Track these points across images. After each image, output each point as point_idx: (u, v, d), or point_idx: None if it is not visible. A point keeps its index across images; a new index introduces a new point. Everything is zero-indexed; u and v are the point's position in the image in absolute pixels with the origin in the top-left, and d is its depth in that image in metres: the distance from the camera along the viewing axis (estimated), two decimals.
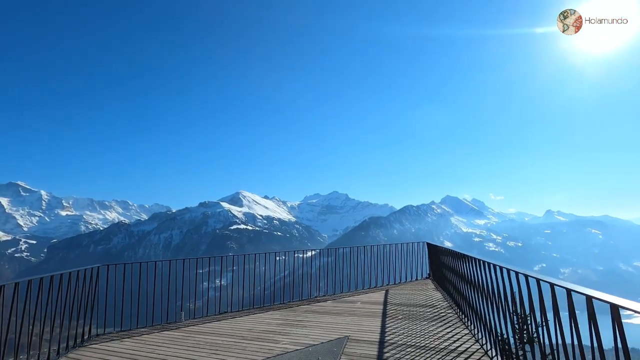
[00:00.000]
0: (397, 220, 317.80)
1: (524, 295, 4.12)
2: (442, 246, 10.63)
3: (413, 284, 12.84)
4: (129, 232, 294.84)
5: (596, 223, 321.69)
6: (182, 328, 7.71)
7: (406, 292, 11.03)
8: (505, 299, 4.62)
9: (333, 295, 11.08)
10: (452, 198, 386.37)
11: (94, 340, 6.98)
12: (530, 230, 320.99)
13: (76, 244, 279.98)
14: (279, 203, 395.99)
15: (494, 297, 5.08)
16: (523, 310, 4.19)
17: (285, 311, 9.03)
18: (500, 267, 4.77)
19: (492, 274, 5.20)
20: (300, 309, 9.19)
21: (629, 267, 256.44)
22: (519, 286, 4.19)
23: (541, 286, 3.65)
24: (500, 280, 4.80)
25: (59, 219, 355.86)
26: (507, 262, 4.95)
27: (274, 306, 9.69)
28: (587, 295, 2.77)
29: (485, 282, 5.57)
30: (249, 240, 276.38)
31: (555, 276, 3.21)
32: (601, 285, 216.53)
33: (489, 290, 5.33)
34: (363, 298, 10.45)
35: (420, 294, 10.75)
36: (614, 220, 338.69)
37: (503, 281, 4.72)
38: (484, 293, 5.69)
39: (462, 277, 7.37)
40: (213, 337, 6.95)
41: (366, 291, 11.60)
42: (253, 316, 8.60)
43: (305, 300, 10.42)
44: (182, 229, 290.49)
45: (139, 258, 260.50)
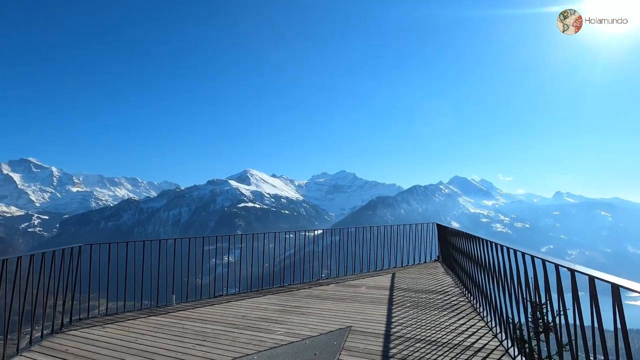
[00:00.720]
0: (404, 200, 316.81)
1: (539, 281, 3.87)
2: (453, 227, 9.89)
3: (421, 266, 12.18)
4: (139, 209, 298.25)
5: (606, 205, 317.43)
6: (171, 313, 7.14)
7: (414, 276, 10.37)
8: (519, 285, 4.33)
9: (337, 278, 10.46)
10: (460, 178, 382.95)
11: (74, 325, 6.43)
12: (538, 211, 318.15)
13: (87, 220, 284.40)
14: (287, 182, 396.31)
15: (508, 283, 4.69)
16: (538, 296, 3.93)
17: (284, 295, 8.44)
18: (515, 251, 4.46)
19: (505, 257, 4.74)
20: (300, 293, 8.58)
21: (637, 249, 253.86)
22: (535, 271, 3.90)
23: (560, 272, 3.39)
24: (514, 265, 4.49)
25: (69, 195, 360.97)
26: (514, 243, 4.69)
27: (272, 289, 9.10)
28: (590, 276, 2.76)
29: (499, 266, 4.97)
30: (256, 218, 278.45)
31: (562, 258, 3.18)
32: (608, 267, 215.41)
33: (503, 276, 4.82)
34: (368, 282, 9.81)
35: (429, 278, 10.08)
36: (625, 202, 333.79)
37: (517, 266, 4.40)
38: (498, 279, 5.10)
39: (474, 261, 6.73)
40: (202, 324, 6.35)
41: (372, 274, 10.97)
42: (249, 300, 8.01)
43: (307, 283, 9.82)
44: (191, 207, 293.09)
45: (149, 234, 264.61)
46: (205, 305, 7.64)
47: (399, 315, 6.58)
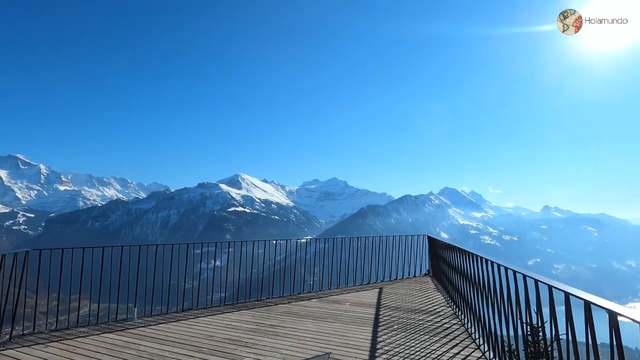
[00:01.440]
0: (394, 210, 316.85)
1: (531, 301, 3.71)
2: (446, 242, 9.24)
3: (411, 281, 11.51)
4: (127, 210, 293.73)
5: (593, 221, 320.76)
6: (129, 330, 6.32)
7: (403, 292, 9.68)
8: (518, 307, 4.05)
9: (319, 292, 9.73)
10: (450, 189, 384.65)
11: (14, 343, 5.60)
12: (526, 225, 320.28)
13: (74, 219, 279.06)
14: (278, 187, 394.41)
15: (505, 306, 4.40)
16: (540, 319, 3.64)
17: (260, 311, 7.68)
18: (506, 268, 4.26)
19: (498, 275, 4.55)
20: (278, 309, 7.83)
21: (622, 266, 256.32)
22: (526, 291, 3.70)
23: (553, 294, 3.22)
24: (506, 283, 4.30)
25: (57, 194, 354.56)
26: (502, 255, 4.59)
27: (248, 303, 8.34)
28: (586, 301, 2.70)
29: (494, 286, 4.72)
30: (246, 222, 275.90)
31: (549, 272, 3.05)
32: (594, 282, 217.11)
33: (499, 297, 4.58)
34: (353, 298, 9.09)
35: (418, 295, 9.41)
36: (611, 219, 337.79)
37: (512, 285, 4.16)
38: (493, 300, 4.76)
39: (468, 279, 6.14)
40: (161, 345, 5.55)
41: (358, 288, 10.26)
42: (221, 317, 7.22)
43: (287, 297, 9.07)
44: (180, 209, 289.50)
45: (136, 236, 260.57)
46: (170, 321, 6.84)
47: (385, 341, 5.86)
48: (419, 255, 12.31)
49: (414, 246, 12.19)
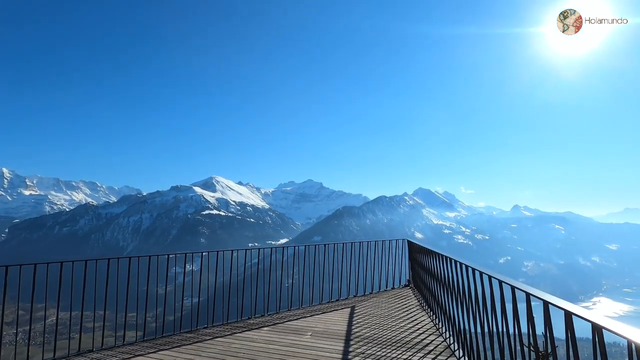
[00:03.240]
0: (370, 211, 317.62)
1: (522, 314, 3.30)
2: (430, 248, 7.65)
3: (389, 294, 9.89)
4: (97, 214, 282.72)
5: (560, 219, 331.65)
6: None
7: (379, 312, 7.99)
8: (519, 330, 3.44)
9: (276, 315, 7.89)
10: (424, 190, 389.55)
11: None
12: (497, 224, 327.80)
13: (40, 225, 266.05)
14: (253, 189, 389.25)
15: (493, 317, 3.88)
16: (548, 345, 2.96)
17: (187, 351, 5.76)
18: (513, 288, 3.49)
19: (482, 284, 4.06)
20: (213, 347, 5.89)
21: (587, 262, 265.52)
22: (548, 322, 2.88)
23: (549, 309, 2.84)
24: (497, 294, 3.78)
25: (21, 198, 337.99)
26: (474, 254, 4.45)
27: (175, 338, 6.42)
28: (544, 301, 2.71)
29: (474, 293, 4.31)
30: (221, 226, 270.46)
31: (519, 269, 2.96)
32: (561, 278, 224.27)
33: (480, 306, 4.12)
34: (318, 323, 7.27)
35: (398, 314, 7.72)
36: (577, 217, 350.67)
37: (502, 296, 3.68)
38: (492, 319, 4.03)
39: (448, 289, 5.37)
40: None
41: (326, 307, 8.49)
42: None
43: (232, 324, 7.17)
44: (153, 213, 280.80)
45: (107, 241, 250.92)
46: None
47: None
48: (398, 262, 10.91)
49: (393, 251, 10.86)
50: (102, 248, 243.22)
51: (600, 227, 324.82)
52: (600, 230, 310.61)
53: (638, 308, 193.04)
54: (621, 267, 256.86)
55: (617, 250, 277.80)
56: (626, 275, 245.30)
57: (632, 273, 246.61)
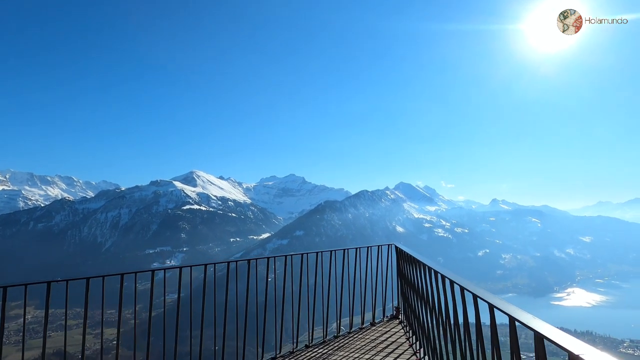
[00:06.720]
0: (352, 205, 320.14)
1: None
2: (422, 260, 5.90)
3: (369, 336, 7.53)
4: (73, 210, 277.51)
5: (536, 212, 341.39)
6: None
7: None
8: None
9: None
10: (405, 184, 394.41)
11: None
12: (476, 217, 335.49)
13: (13, 221, 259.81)
14: (235, 184, 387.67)
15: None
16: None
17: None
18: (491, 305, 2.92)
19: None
20: None
21: (562, 254, 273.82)
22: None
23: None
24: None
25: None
26: (454, 247, 3.36)
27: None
28: (490, 304, 2.61)
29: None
30: (202, 221, 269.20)
31: (497, 262, 2.66)
32: (537, 270, 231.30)
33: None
34: None
35: None
36: (553, 210, 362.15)
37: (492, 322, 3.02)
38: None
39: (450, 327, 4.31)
40: None
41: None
42: None
43: None
44: (132, 208, 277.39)
45: (84, 237, 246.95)
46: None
47: None
48: (382, 280, 8.77)
49: (375, 262, 8.78)
50: (79, 244, 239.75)
51: (574, 220, 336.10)
52: (575, 223, 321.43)
53: (610, 298, 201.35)
54: (594, 259, 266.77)
55: (591, 243, 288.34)
56: (599, 266, 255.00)
57: (604, 264, 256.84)
